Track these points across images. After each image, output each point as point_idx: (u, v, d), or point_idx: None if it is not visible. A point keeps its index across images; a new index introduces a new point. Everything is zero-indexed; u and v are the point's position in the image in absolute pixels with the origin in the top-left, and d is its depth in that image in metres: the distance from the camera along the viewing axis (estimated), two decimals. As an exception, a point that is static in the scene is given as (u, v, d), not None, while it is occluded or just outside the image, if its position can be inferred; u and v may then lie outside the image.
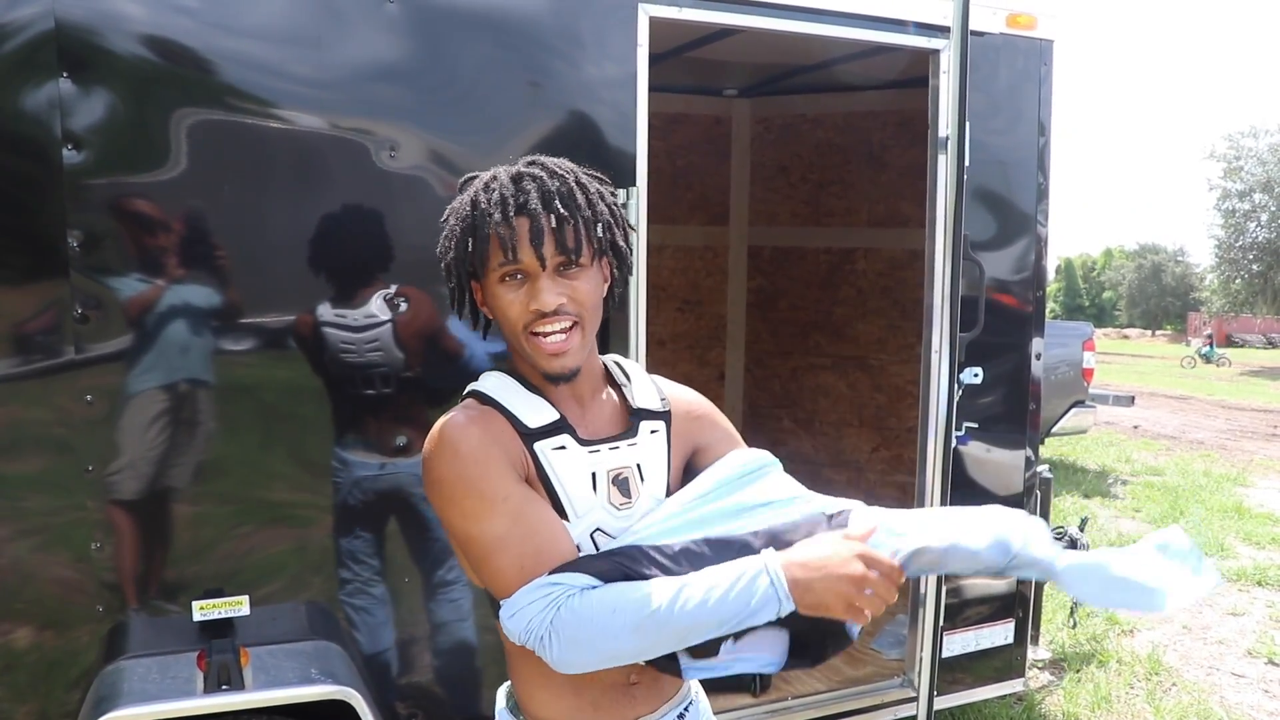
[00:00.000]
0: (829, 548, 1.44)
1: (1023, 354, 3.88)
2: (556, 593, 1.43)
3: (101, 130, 2.51)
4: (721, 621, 1.41)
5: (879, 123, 5.77)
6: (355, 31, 2.73)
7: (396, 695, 2.95)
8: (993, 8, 3.64)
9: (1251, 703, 4.90)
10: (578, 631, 1.41)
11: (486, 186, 1.55)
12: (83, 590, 2.60)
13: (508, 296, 1.54)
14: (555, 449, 1.55)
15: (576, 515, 1.54)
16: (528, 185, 1.52)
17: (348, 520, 2.84)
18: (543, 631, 1.43)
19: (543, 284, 1.51)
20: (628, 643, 1.42)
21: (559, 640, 1.42)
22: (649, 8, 3.04)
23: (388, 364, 2.81)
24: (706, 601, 1.40)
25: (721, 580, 1.42)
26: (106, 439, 2.58)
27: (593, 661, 1.45)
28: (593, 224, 1.55)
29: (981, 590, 3.88)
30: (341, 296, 2.76)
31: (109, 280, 2.54)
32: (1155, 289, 65.12)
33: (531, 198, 1.51)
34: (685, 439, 1.72)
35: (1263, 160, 33.49)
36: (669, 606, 1.40)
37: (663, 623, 1.40)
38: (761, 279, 6.27)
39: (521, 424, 1.55)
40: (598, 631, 1.41)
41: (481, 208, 1.52)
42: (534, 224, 1.49)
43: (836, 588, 1.39)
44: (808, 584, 1.40)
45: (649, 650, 1.45)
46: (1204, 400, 20.56)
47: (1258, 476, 11.13)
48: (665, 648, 1.45)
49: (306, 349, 2.75)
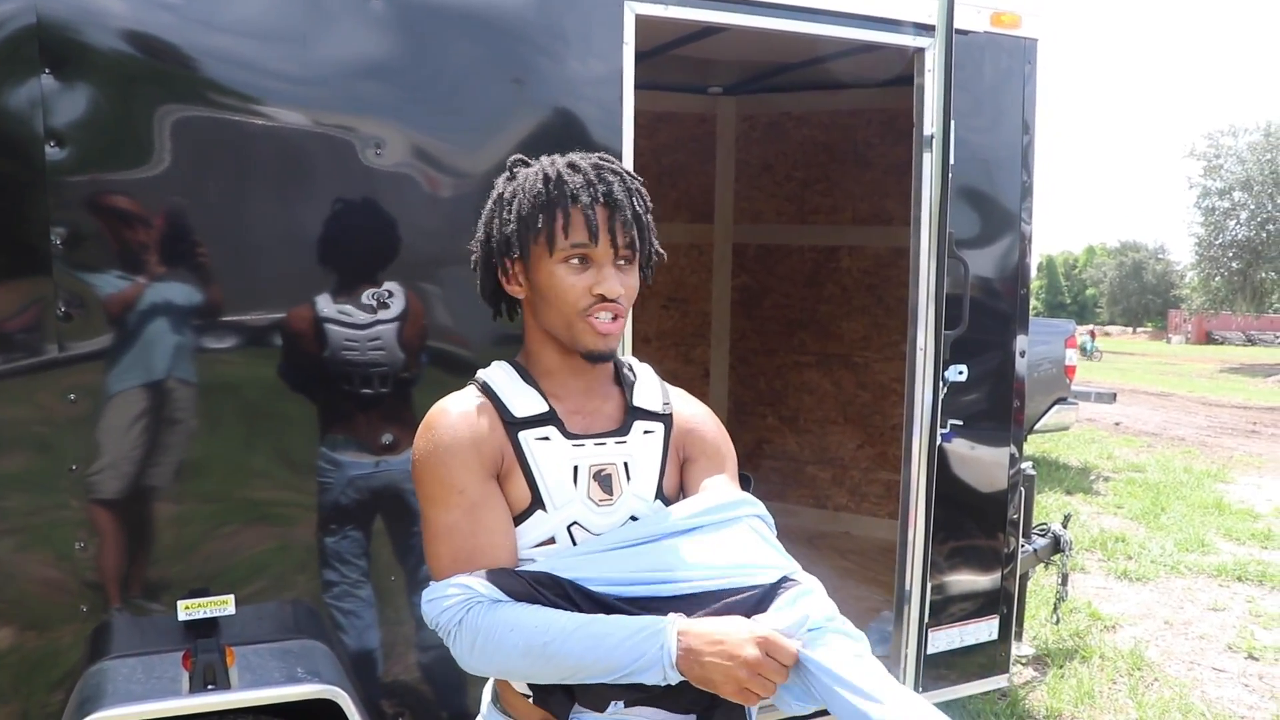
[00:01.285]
0: (731, 626, 1.45)
1: (1007, 351, 3.89)
2: (465, 597, 1.50)
3: (84, 127, 2.49)
4: (607, 670, 1.45)
5: (864, 121, 5.79)
6: (339, 28, 2.71)
7: (383, 693, 2.94)
8: (977, 6, 3.64)
9: (1232, 697, 4.94)
10: (476, 638, 1.49)
11: (572, 166, 1.63)
12: (66, 590, 2.58)
13: (570, 279, 1.59)
14: (539, 439, 1.60)
15: (555, 506, 1.58)
16: (610, 178, 1.62)
17: (333, 519, 2.83)
18: (451, 628, 1.51)
19: (610, 271, 1.60)
20: (518, 663, 1.49)
21: (461, 642, 1.51)
22: (635, 5, 3.03)
23: (372, 361, 2.80)
24: (596, 647, 1.45)
25: (618, 632, 1.45)
26: (90, 438, 2.56)
27: (488, 670, 1.55)
28: (647, 228, 1.65)
29: (966, 587, 3.90)
30: (326, 294, 2.75)
31: (92, 278, 2.52)
32: (1136, 286, 65.46)
33: (616, 190, 1.61)
34: (681, 447, 1.73)
35: (1242, 159, 33.66)
36: (561, 641, 1.45)
37: (551, 655, 1.45)
38: (746, 277, 6.28)
39: (509, 413, 1.61)
40: (494, 645, 1.48)
41: (569, 188, 1.59)
42: (616, 214, 1.59)
43: (726, 667, 1.41)
44: (699, 657, 1.42)
45: (536, 675, 1.52)
46: (1185, 397, 20.68)
47: (1238, 473, 11.22)
48: (552, 678, 1.51)
49: (291, 347, 2.74)
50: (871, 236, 5.83)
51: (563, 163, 1.64)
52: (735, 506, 1.65)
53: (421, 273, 2.84)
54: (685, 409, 1.77)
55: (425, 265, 2.85)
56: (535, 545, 1.58)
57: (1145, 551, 7.51)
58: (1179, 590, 6.69)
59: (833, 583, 5.04)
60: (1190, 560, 7.32)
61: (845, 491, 6.08)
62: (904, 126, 3.78)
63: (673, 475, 1.71)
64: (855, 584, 5.07)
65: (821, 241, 6.01)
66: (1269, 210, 32.91)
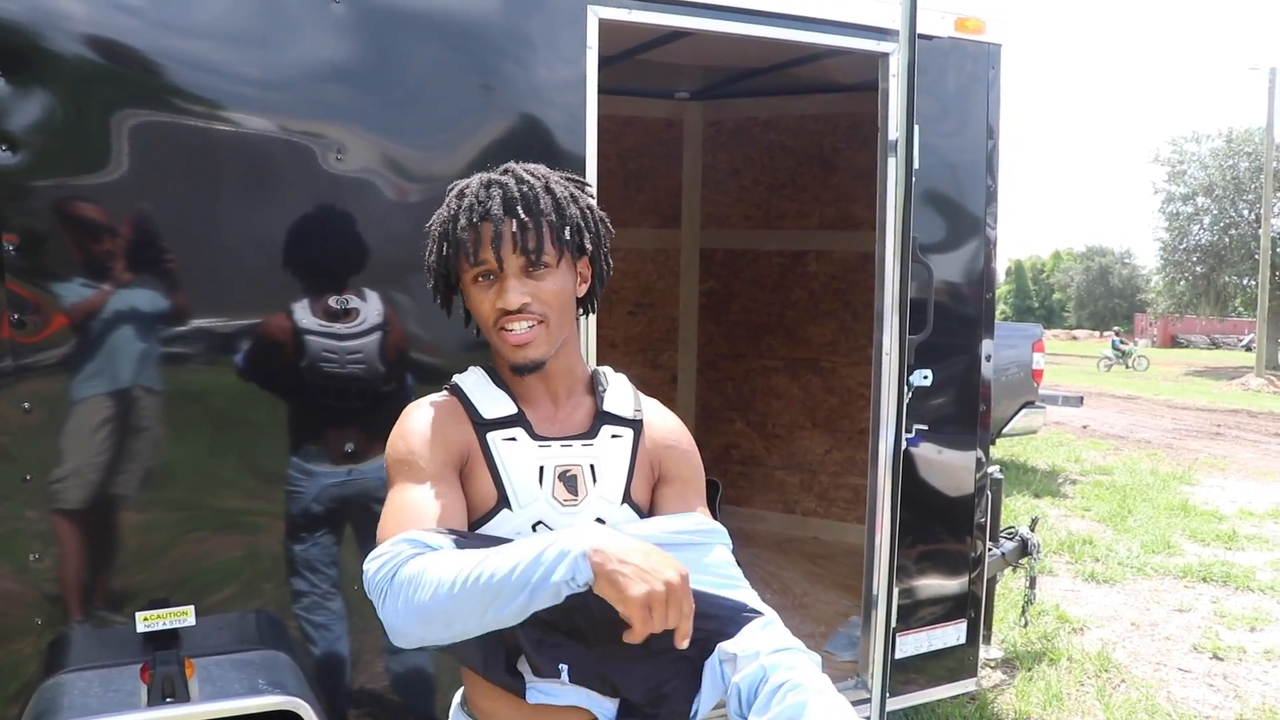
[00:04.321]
0: (657, 550, 1.38)
1: (973, 355, 3.91)
2: (400, 551, 1.44)
3: (39, 131, 2.45)
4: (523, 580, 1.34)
5: (830, 126, 5.80)
6: (300, 32, 2.69)
7: (349, 702, 2.91)
8: (941, 12, 3.66)
9: (1197, 697, 4.98)
10: (405, 590, 1.40)
11: (460, 194, 1.66)
12: (21, 602, 2.53)
13: (479, 296, 1.64)
14: (505, 439, 1.63)
15: (519, 505, 1.59)
16: (494, 192, 1.62)
17: (295, 527, 2.80)
18: (383, 588, 1.43)
19: (508, 284, 1.60)
20: (443, 603, 1.37)
21: (392, 600, 1.41)
22: (598, 9, 3.02)
23: (336, 368, 2.77)
24: (517, 553, 1.36)
25: (539, 539, 1.38)
26: (45, 447, 2.52)
27: (413, 629, 1.41)
28: (559, 227, 1.63)
29: (934, 591, 3.90)
30: (286, 301, 2.72)
31: (46, 284, 2.48)
32: (1103, 290, 66.07)
33: (495, 204, 1.60)
34: (654, 460, 1.72)
35: (1205, 164, 34.11)
36: (483, 561, 1.36)
37: (474, 580, 1.35)
38: (713, 281, 6.28)
39: (478, 413, 1.65)
40: (422, 589, 1.38)
41: (451, 214, 1.64)
42: (496, 228, 1.59)
43: (643, 572, 1.31)
44: (619, 553, 1.32)
45: (462, 615, 1.38)
46: (1151, 400, 20.89)
47: (1203, 475, 11.33)
48: (475, 612, 1.37)
49: (249, 353, 2.70)
50: (838, 241, 5.85)
51: (462, 185, 1.68)
52: (695, 534, 1.64)
53: (385, 277, 2.82)
54: (659, 421, 1.77)
55: (388, 271, 2.82)
56: None
57: (1112, 554, 7.56)
58: (1145, 592, 6.74)
59: (801, 588, 5.09)
60: (1156, 562, 7.38)
61: (814, 496, 6.08)
62: (870, 132, 3.79)
63: (642, 482, 1.70)
64: (824, 589, 5.07)
65: (789, 246, 6.02)
66: (1231, 215, 33.37)
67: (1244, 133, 33.53)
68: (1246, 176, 32.66)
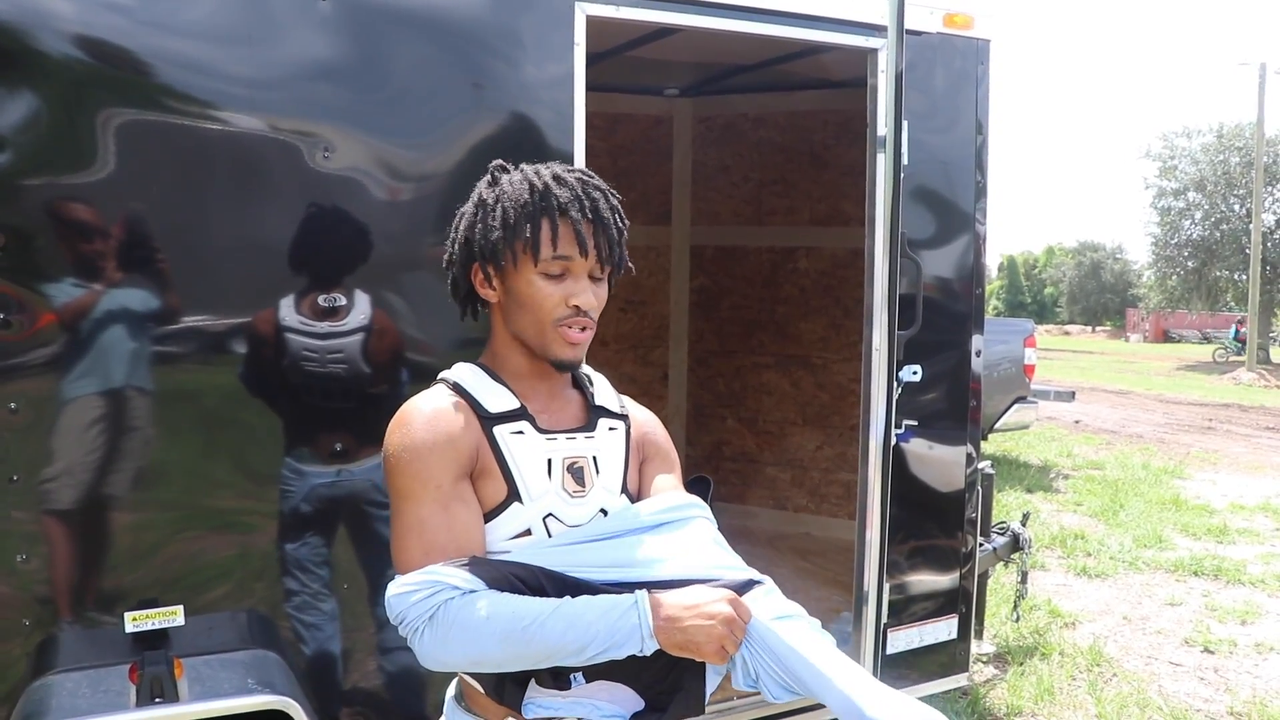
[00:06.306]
0: (699, 591, 1.52)
1: (962, 351, 3.91)
2: (440, 588, 1.48)
3: (25, 129, 2.44)
4: (582, 648, 1.47)
5: (820, 122, 5.80)
6: (287, 31, 2.68)
7: (340, 702, 2.90)
8: (929, 7, 3.66)
9: (1188, 690, 4.99)
10: (449, 631, 1.47)
11: (558, 179, 1.65)
12: (8, 604, 2.52)
13: (549, 288, 1.64)
14: (513, 433, 1.64)
15: (530, 498, 1.62)
16: (595, 194, 1.66)
17: (284, 527, 2.79)
18: (419, 624, 1.48)
19: (587, 284, 1.66)
20: (493, 650, 1.47)
21: (431, 636, 1.48)
22: (586, 6, 3.01)
23: (323, 368, 2.77)
24: (573, 626, 1.46)
25: (592, 609, 1.48)
26: (32, 448, 2.51)
27: (457, 663, 1.52)
28: (620, 245, 1.70)
29: (925, 587, 3.91)
30: (274, 300, 2.71)
31: (32, 284, 2.47)
32: (1095, 286, 66.01)
33: (602, 207, 1.66)
34: (640, 451, 1.81)
35: (1196, 160, 34.17)
36: (539, 622, 1.46)
37: (531, 638, 1.46)
38: (704, 278, 6.27)
39: (483, 409, 1.64)
40: (469, 635, 1.46)
41: (558, 200, 1.62)
42: (600, 229, 1.64)
43: (707, 627, 1.47)
44: (678, 622, 1.47)
45: (512, 662, 1.50)
46: (1142, 395, 20.94)
47: (1194, 469, 11.36)
48: (528, 663, 1.50)
49: (236, 353, 2.70)
50: (829, 238, 5.84)
51: (548, 174, 1.66)
52: (690, 507, 1.73)
53: (374, 277, 2.81)
54: (638, 414, 1.86)
55: (376, 269, 2.82)
56: (511, 538, 1.61)
57: (1104, 548, 7.58)
58: (1137, 586, 6.75)
59: (793, 584, 5.08)
60: (1148, 556, 7.40)
61: (805, 492, 6.08)
62: (860, 128, 3.79)
63: (633, 472, 1.78)
64: (816, 585, 5.07)
65: (779, 243, 6.02)
66: (1222, 210, 33.44)
67: (1235, 128, 33.60)
68: (1237, 171, 32.73)
